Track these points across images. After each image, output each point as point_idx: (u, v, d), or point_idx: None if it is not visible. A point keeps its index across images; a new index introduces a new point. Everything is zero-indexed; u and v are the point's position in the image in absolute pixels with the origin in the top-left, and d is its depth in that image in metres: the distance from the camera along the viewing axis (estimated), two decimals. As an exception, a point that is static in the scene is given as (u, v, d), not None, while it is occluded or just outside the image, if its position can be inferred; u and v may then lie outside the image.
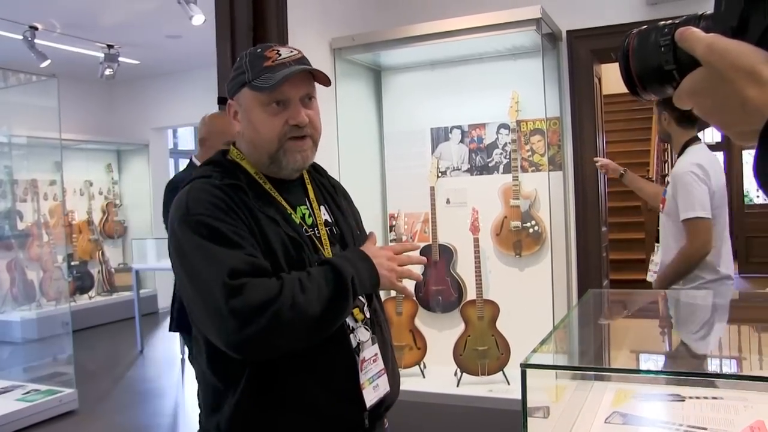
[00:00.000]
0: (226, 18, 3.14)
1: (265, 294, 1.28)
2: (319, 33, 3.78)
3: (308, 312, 1.31)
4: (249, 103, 1.47)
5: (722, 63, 0.62)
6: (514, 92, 4.07)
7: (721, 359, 1.93)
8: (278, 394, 1.41)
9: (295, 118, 1.45)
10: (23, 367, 5.72)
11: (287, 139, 1.46)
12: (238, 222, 1.37)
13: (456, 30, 3.63)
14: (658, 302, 2.24)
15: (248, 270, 1.31)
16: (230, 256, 1.31)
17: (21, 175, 7.26)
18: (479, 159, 4.24)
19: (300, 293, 1.31)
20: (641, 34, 0.71)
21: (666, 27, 0.69)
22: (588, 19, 3.92)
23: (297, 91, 1.46)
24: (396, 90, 4.45)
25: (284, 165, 1.49)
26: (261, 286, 1.29)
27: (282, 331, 1.30)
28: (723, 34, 0.63)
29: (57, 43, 6.95)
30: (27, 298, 7.20)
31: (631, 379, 1.87)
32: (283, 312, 1.28)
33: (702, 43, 0.63)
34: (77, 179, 8.71)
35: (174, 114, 9.07)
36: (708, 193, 2.84)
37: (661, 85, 0.70)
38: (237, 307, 1.27)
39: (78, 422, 4.85)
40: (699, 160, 2.91)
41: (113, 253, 9.25)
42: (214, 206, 1.37)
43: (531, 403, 1.29)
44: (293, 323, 1.30)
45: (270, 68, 1.44)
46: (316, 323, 1.34)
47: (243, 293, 1.27)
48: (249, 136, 1.49)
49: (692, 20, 0.68)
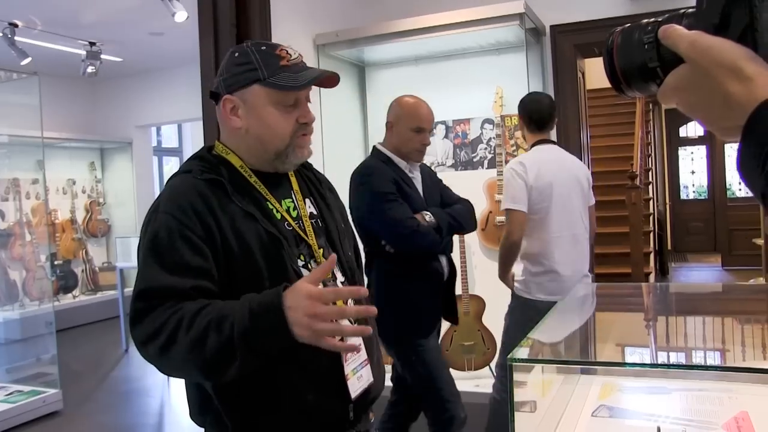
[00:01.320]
0: (209, 15, 3.12)
1: (158, 324, 1.31)
2: (302, 29, 3.76)
3: (189, 354, 1.29)
4: (260, 101, 1.48)
5: (705, 60, 0.63)
6: (498, 87, 4.08)
7: (705, 351, 1.94)
8: (262, 386, 1.42)
9: (306, 116, 1.52)
10: (6, 368, 5.66)
11: (298, 135, 1.51)
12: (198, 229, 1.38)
13: (440, 25, 3.63)
14: (644, 295, 2.25)
15: (159, 294, 1.33)
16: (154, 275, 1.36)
17: (2, 174, 7.18)
18: (464, 154, 4.24)
19: (185, 330, 1.28)
20: (625, 31, 0.72)
21: (649, 25, 0.70)
22: (572, 13, 3.94)
23: (306, 92, 1.53)
24: (380, 86, 4.45)
25: (290, 160, 1.53)
26: (159, 315, 1.31)
27: (171, 364, 1.35)
28: (705, 31, 0.64)
29: (38, 40, 6.87)
30: (9, 297, 7.12)
31: (617, 372, 1.88)
32: (167, 346, 1.30)
33: (685, 40, 0.64)
34: (60, 178, 8.62)
35: (158, 112, 9.00)
36: (524, 189, 3.08)
37: (645, 83, 0.71)
38: (135, 331, 1.35)
39: (62, 423, 4.81)
40: (524, 159, 3.18)
41: (97, 251, 9.18)
42: (180, 210, 1.40)
43: (517, 398, 1.29)
44: (177, 360, 1.32)
45: (287, 68, 1.47)
46: (200, 366, 1.31)
47: (144, 319, 1.33)
48: (257, 133, 1.49)
49: (675, 18, 0.69)
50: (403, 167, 2.87)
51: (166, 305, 1.32)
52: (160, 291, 1.34)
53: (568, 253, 3.12)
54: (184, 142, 11.03)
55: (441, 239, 2.78)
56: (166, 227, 1.39)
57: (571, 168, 3.22)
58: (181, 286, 1.34)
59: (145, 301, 1.34)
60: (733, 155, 0.62)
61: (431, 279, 2.85)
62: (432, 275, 2.85)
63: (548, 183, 3.09)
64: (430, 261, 2.84)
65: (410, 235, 2.70)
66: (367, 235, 2.82)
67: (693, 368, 1.83)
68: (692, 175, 12.12)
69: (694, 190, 12.15)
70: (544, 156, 3.18)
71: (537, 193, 3.07)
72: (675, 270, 10.08)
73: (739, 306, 2.36)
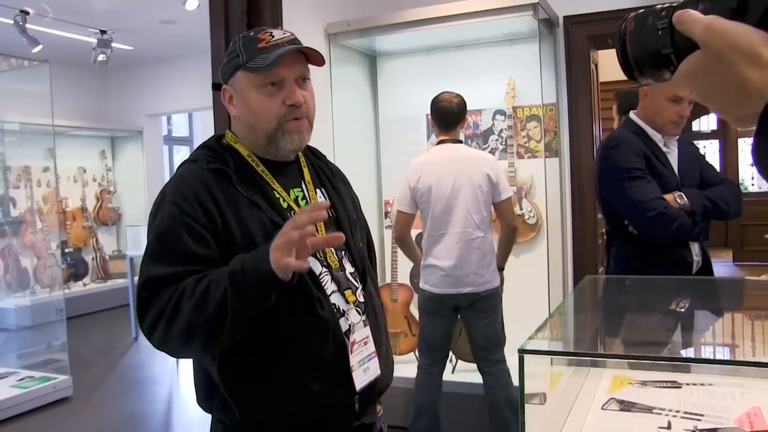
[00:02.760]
0: (220, 3, 3.11)
1: (160, 307, 1.33)
2: (314, 18, 3.75)
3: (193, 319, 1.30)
4: (244, 86, 1.48)
5: (721, 44, 0.61)
6: (511, 78, 4.05)
7: (714, 346, 1.93)
8: (268, 376, 1.42)
9: (291, 97, 1.46)
10: (17, 354, 5.70)
11: (286, 120, 1.47)
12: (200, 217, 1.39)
13: (452, 15, 3.60)
14: (655, 289, 2.23)
15: (162, 281, 1.35)
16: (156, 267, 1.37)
17: (14, 162, 7.22)
18: (475, 145, 4.22)
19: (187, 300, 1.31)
20: (638, 17, 0.70)
21: (663, 10, 0.68)
22: (585, 4, 3.89)
23: (292, 72, 1.47)
24: (391, 75, 4.43)
25: (281, 145, 1.50)
26: (160, 300, 1.34)
27: (178, 339, 1.34)
28: (722, 15, 0.62)
29: (49, 28, 6.88)
30: (21, 285, 7.18)
31: (627, 365, 1.87)
32: (170, 322, 1.32)
33: (700, 24, 0.62)
34: (71, 166, 8.65)
35: (168, 100, 9.01)
36: (408, 190, 3.32)
37: (658, 70, 0.69)
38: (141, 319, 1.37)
39: (72, 409, 4.84)
40: (416, 160, 3.40)
41: (107, 240, 9.21)
42: (183, 199, 1.40)
43: (528, 390, 1.28)
44: (182, 331, 1.32)
45: (264, 49, 1.45)
46: (205, 329, 1.31)
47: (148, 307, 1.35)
48: (246, 119, 1.50)
49: (690, 3, 0.67)
50: (658, 140, 2.56)
51: (163, 291, 1.34)
52: (162, 279, 1.35)
53: (450, 249, 3.27)
54: (195, 131, 11.04)
55: (694, 225, 2.45)
56: (170, 216, 1.40)
57: (463, 169, 3.26)
58: (183, 274, 1.35)
59: (149, 289, 1.35)
60: (746, 150, 0.60)
61: (678, 269, 2.51)
62: (679, 265, 2.52)
63: (428, 185, 3.27)
64: (679, 248, 2.52)
65: (654, 218, 2.40)
66: (609, 212, 2.61)
67: (705, 362, 1.82)
68: (704, 169, 12.03)
69: (706, 184, 12.06)
70: (435, 157, 3.34)
71: (419, 194, 3.30)
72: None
73: (750, 301, 2.34)
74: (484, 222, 3.27)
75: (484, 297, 3.28)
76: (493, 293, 3.31)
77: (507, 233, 3.37)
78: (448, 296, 3.27)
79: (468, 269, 3.25)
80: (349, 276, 1.55)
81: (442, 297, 3.26)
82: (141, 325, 1.37)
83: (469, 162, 3.29)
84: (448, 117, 3.33)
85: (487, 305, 3.30)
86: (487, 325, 3.31)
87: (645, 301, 2.18)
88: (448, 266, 3.26)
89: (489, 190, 3.27)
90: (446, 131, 3.36)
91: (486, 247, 3.29)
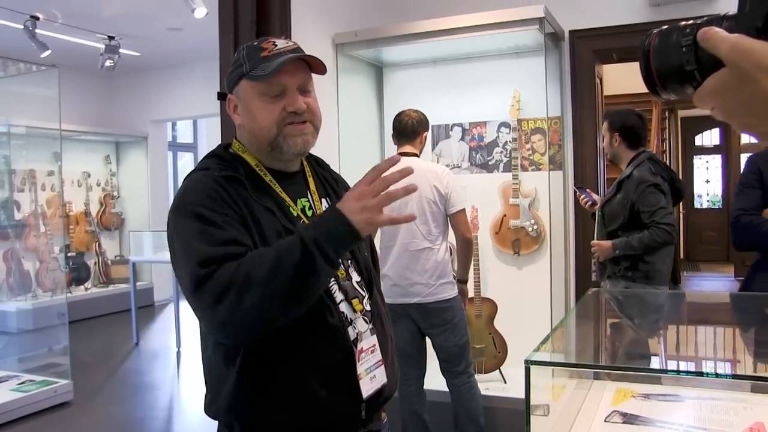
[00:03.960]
0: (229, 11, 3.13)
1: (226, 277, 1.29)
2: (322, 28, 3.77)
3: (266, 284, 1.29)
4: (247, 94, 1.50)
5: (747, 63, 0.61)
6: (516, 91, 4.07)
7: (715, 361, 1.93)
8: (275, 384, 1.42)
9: (293, 105, 1.47)
10: (18, 358, 5.71)
11: (285, 124, 1.48)
12: (230, 212, 1.39)
13: (459, 27, 3.62)
14: (660, 302, 2.24)
15: (222, 258, 1.32)
16: (205, 247, 1.34)
17: (19, 165, 7.23)
18: (479, 157, 4.24)
19: (258, 267, 1.29)
20: (662, 33, 0.71)
21: (687, 27, 0.68)
22: (591, 19, 3.92)
23: (294, 80, 1.48)
24: (397, 86, 4.45)
25: (285, 150, 1.50)
26: (226, 270, 1.30)
27: (248, 308, 1.29)
28: (747, 34, 0.63)
29: (58, 33, 6.93)
30: (23, 288, 7.18)
31: (630, 378, 1.87)
32: (242, 290, 1.28)
33: (726, 43, 0.63)
34: (75, 170, 8.68)
35: (173, 107, 9.05)
36: None
37: (681, 85, 0.70)
38: (203, 295, 1.31)
39: (73, 413, 4.84)
40: None
41: (110, 244, 9.23)
42: (207, 197, 1.40)
43: (531, 401, 1.29)
44: (255, 298, 1.28)
45: (266, 58, 1.46)
46: (281, 293, 1.30)
47: (209, 280, 1.30)
48: (249, 127, 1.51)
49: (714, 21, 0.67)
50: None
51: (226, 265, 1.31)
52: (217, 258, 1.32)
53: (398, 261, 3.30)
54: (199, 138, 11.07)
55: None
56: (199, 215, 1.38)
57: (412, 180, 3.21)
58: (235, 252, 1.34)
59: (206, 267, 1.31)
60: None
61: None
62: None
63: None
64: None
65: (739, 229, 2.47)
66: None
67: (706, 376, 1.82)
68: (707, 184, 12.05)
69: (708, 199, 12.07)
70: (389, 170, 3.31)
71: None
72: (687, 279, 10.02)
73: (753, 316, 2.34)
74: (432, 233, 3.28)
75: (437, 309, 3.27)
76: (447, 306, 3.28)
77: (462, 246, 3.36)
78: (399, 306, 3.28)
79: (414, 279, 3.26)
80: (356, 285, 1.56)
81: (394, 306, 3.24)
82: (196, 299, 1.32)
83: (419, 174, 3.28)
84: (402, 129, 3.41)
85: (441, 319, 3.29)
86: (446, 339, 3.30)
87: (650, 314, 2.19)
88: (396, 276, 3.31)
89: (439, 202, 3.28)
90: (403, 144, 3.41)
91: (435, 258, 3.27)
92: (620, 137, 3.48)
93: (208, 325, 1.36)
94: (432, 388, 3.55)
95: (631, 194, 3.31)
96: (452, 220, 3.32)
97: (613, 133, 3.51)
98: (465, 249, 3.37)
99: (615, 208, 3.41)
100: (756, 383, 1.68)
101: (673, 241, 3.28)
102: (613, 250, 3.35)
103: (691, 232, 11.70)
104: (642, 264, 3.29)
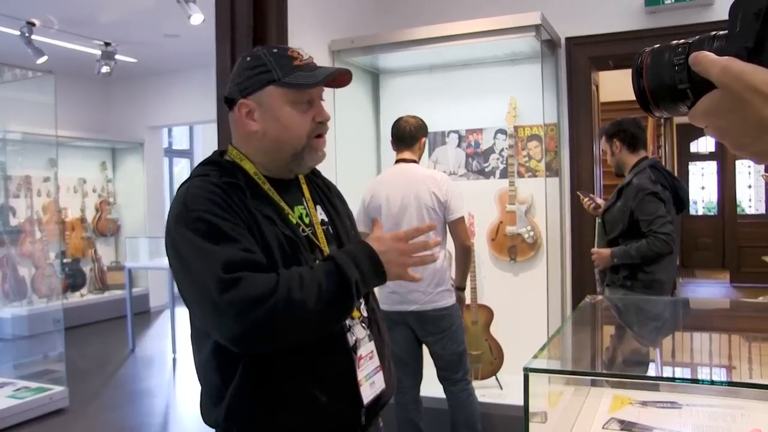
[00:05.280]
0: (226, 18, 3.13)
1: (261, 288, 1.28)
2: (318, 35, 3.78)
3: (305, 309, 1.31)
4: (276, 102, 1.48)
5: (738, 85, 0.62)
6: (512, 98, 4.08)
7: (711, 367, 1.94)
8: (276, 391, 1.42)
9: (321, 114, 1.52)
10: (13, 364, 5.68)
11: (314, 136, 1.51)
12: (236, 219, 1.38)
13: (455, 35, 3.63)
14: (657, 309, 2.25)
15: (243, 264, 1.31)
16: (225, 251, 1.32)
17: (14, 171, 7.21)
18: (476, 164, 4.25)
19: (298, 289, 1.30)
20: (655, 52, 0.71)
21: (679, 46, 0.69)
22: (587, 26, 3.94)
23: (319, 91, 1.53)
24: (394, 93, 4.46)
25: (305, 161, 1.53)
26: (258, 280, 1.29)
27: (278, 326, 1.31)
28: (738, 54, 0.63)
29: (54, 39, 6.91)
30: (18, 294, 7.16)
31: (627, 385, 1.87)
32: (278, 307, 1.28)
33: (716, 66, 0.64)
34: (71, 176, 8.65)
35: (170, 113, 9.04)
36: (363, 210, 3.37)
37: (674, 103, 0.70)
38: (232, 301, 1.27)
39: (68, 420, 4.82)
40: (373, 180, 3.53)
41: (106, 251, 9.21)
42: (211, 202, 1.38)
43: (530, 408, 1.29)
44: (289, 319, 1.31)
45: (301, 67, 1.48)
46: (314, 321, 1.35)
47: (238, 286, 1.28)
48: (274, 135, 1.49)
49: (705, 40, 0.68)
50: None
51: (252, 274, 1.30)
52: (239, 264, 1.30)
53: None
54: (195, 144, 11.07)
55: None
56: (208, 222, 1.35)
57: (411, 187, 3.30)
58: (254, 260, 1.33)
59: (230, 272, 1.29)
60: (744, 172, 0.63)
61: None
62: None
63: (378, 204, 3.33)
64: None
65: None
66: None
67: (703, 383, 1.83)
68: (702, 191, 12.07)
69: (704, 205, 12.09)
70: (387, 176, 3.45)
71: (371, 212, 3.35)
72: (682, 285, 10.03)
73: (748, 323, 2.35)
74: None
75: (434, 317, 3.26)
76: (445, 314, 3.27)
77: (460, 253, 3.34)
78: (397, 313, 3.27)
79: (412, 287, 3.20)
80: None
81: (391, 313, 3.24)
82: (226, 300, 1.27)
83: (418, 181, 3.30)
84: (401, 136, 3.41)
85: (438, 327, 3.28)
86: (444, 346, 3.30)
87: (647, 321, 2.20)
88: (394, 283, 3.25)
89: (438, 209, 3.27)
90: (402, 150, 3.41)
91: (434, 265, 3.21)
92: (620, 143, 3.49)
93: (224, 332, 1.31)
94: (429, 395, 3.54)
95: (631, 202, 3.32)
96: (451, 228, 3.31)
97: (611, 141, 3.52)
98: (464, 256, 3.35)
99: (615, 215, 3.42)
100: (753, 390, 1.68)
101: (672, 250, 3.28)
102: (612, 258, 3.36)
103: (686, 238, 11.72)
104: (641, 274, 3.29)
